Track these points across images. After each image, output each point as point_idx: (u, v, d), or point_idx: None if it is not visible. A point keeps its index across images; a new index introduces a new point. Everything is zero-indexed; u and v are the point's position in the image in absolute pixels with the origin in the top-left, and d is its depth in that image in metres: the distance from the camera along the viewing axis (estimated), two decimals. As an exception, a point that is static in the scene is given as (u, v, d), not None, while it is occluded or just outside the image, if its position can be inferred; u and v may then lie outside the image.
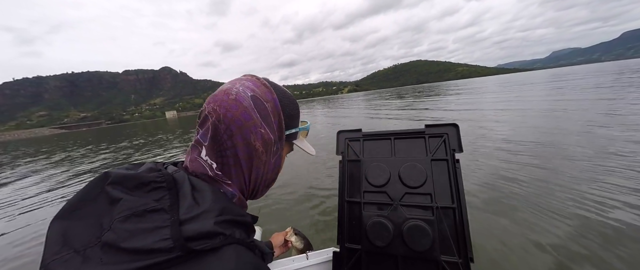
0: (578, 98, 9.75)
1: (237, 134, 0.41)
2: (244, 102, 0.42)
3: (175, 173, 0.38)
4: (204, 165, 0.42)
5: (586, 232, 2.12)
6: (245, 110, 0.41)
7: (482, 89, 25.89)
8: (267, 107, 0.44)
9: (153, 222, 0.31)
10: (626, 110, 6.45)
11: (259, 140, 0.43)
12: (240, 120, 0.41)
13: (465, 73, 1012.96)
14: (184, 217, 0.33)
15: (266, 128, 0.44)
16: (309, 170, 4.80)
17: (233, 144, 0.41)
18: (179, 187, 0.36)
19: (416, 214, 0.81)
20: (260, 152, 0.44)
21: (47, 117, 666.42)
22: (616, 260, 1.78)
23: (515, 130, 5.83)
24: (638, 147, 3.80)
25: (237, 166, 0.43)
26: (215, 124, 0.41)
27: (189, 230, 0.32)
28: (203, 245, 0.31)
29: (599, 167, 3.27)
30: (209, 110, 0.42)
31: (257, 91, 0.44)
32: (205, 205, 0.35)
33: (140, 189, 0.35)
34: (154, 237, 0.30)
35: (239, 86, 0.43)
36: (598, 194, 2.66)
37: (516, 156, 4.08)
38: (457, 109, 11.65)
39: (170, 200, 0.34)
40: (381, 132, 0.97)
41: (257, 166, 0.45)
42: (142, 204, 0.33)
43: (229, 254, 0.33)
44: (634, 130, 4.67)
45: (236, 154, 0.42)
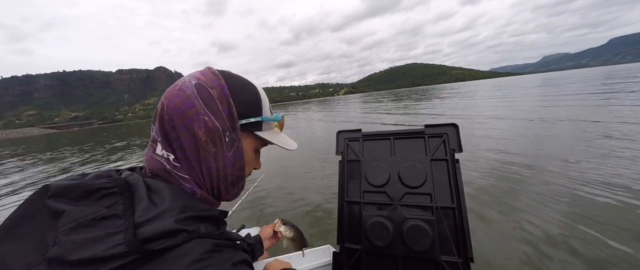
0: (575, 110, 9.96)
1: (179, 124, 0.39)
2: (187, 90, 0.40)
3: (128, 177, 0.36)
4: (160, 160, 0.40)
5: (578, 224, 2.18)
6: (188, 99, 0.39)
7: (476, 92, 26.23)
8: (212, 94, 0.41)
9: (104, 230, 0.29)
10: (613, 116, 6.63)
11: (202, 128, 0.39)
12: (181, 109, 0.39)
13: (459, 76, 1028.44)
14: (140, 219, 0.31)
15: (210, 115, 0.40)
16: (309, 170, 4.77)
17: (177, 135, 0.39)
18: (133, 190, 0.34)
19: (416, 214, 0.81)
20: (203, 142, 0.40)
21: (37, 117, 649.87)
22: (615, 259, 1.78)
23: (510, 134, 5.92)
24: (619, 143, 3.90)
25: (186, 159, 0.40)
26: (161, 116, 0.40)
27: (147, 232, 0.30)
28: (163, 244, 0.29)
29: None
30: (159, 106, 0.41)
31: (202, 79, 0.42)
32: (165, 205, 0.33)
33: (86, 198, 0.32)
34: (105, 245, 0.28)
35: (185, 77, 0.42)
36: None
37: (515, 157, 4.13)
38: (456, 113, 11.77)
39: (123, 205, 0.32)
40: (381, 132, 0.96)
41: (205, 158, 0.41)
42: (89, 213, 0.30)
43: (191, 248, 0.31)
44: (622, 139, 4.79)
45: (182, 146, 0.40)
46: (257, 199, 3.57)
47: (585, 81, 22.99)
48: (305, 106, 50.62)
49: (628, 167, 3.20)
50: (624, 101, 8.44)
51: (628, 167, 3.19)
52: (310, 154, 6.05)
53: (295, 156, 5.90)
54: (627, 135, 4.53)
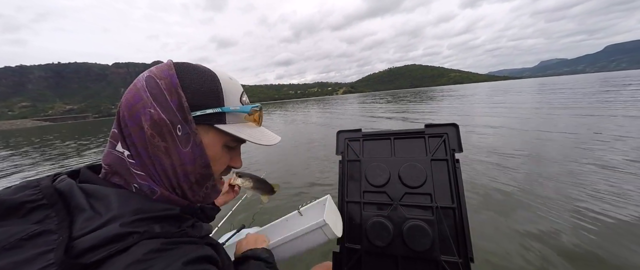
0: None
1: (129, 118, 0.37)
2: (137, 84, 0.38)
3: (58, 184, 0.31)
4: (120, 156, 0.37)
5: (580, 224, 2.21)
6: (137, 92, 0.37)
7: (473, 96, 26.48)
8: (159, 84, 0.37)
9: (35, 249, 0.25)
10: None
11: (148, 121, 0.36)
12: (130, 102, 0.37)
13: (457, 79, 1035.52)
14: (81, 232, 0.27)
15: (156, 108, 0.36)
16: (308, 170, 4.81)
17: (129, 132, 0.37)
18: (68, 199, 0.30)
19: (416, 214, 0.80)
20: (149, 136, 0.36)
21: (31, 108, 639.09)
22: (613, 258, 1.81)
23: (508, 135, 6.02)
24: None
25: (139, 155, 0.37)
26: (119, 110, 0.38)
27: (85, 243, 0.27)
28: (104, 253, 0.26)
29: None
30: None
31: (154, 71, 0.38)
32: (112, 212, 0.30)
33: (9, 217, 0.27)
34: (36, 265, 0.24)
35: (146, 72, 0.39)
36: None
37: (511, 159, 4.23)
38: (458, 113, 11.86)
39: (57, 218, 0.28)
40: (381, 132, 0.96)
41: (154, 154, 0.37)
42: (14, 233, 0.26)
43: (133, 250, 0.28)
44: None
45: (134, 142, 0.37)
46: (257, 199, 3.60)
47: (581, 88, 23.30)
48: (303, 105, 50.54)
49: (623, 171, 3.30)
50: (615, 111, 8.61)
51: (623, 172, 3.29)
52: (309, 154, 6.08)
53: (295, 156, 5.94)
54: (619, 138, 4.66)
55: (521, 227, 2.29)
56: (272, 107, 60.00)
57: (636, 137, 4.87)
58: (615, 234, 2.09)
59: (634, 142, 4.58)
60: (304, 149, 6.73)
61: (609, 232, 2.11)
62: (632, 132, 5.27)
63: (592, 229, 2.17)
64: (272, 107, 60.02)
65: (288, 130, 11.40)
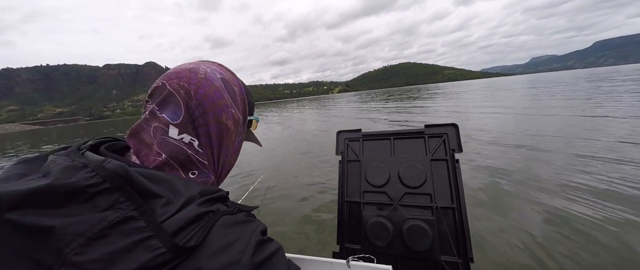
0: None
1: (210, 111, 0.40)
2: (214, 82, 0.42)
3: (107, 164, 0.28)
4: (178, 145, 0.37)
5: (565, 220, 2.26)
6: (217, 90, 0.42)
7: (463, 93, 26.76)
8: (235, 91, 0.45)
9: (126, 238, 0.25)
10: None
11: (231, 119, 0.43)
12: (212, 97, 0.40)
13: (451, 76, 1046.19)
14: (163, 217, 0.27)
15: (236, 109, 0.45)
16: (308, 169, 4.87)
17: (205, 122, 0.40)
18: (130, 182, 0.28)
19: (416, 214, 0.80)
20: (231, 131, 0.44)
21: (19, 112, 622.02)
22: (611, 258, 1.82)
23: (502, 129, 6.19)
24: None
25: (209, 146, 0.41)
26: (185, 100, 0.38)
27: (174, 225, 0.27)
28: (191, 235, 0.27)
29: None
30: (174, 87, 0.39)
31: (225, 75, 0.45)
32: (184, 196, 0.30)
33: (72, 202, 0.25)
34: (146, 254, 0.24)
35: (205, 68, 0.43)
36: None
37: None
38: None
39: (131, 204, 0.26)
40: (381, 132, 0.97)
41: (226, 145, 0.44)
42: (93, 222, 0.24)
43: (220, 229, 0.30)
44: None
45: (208, 132, 0.40)
46: (256, 198, 3.65)
47: (572, 85, 23.82)
48: (297, 108, 50.42)
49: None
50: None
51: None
52: (308, 154, 6.13)
53: (295, 156, 6.00)
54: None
55: (521, 227, 2.29)
56: (266, 107, 59.72)
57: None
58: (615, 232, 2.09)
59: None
60: (305, 148, 6.78)
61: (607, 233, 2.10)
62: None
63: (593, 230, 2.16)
64: (268, 107, 59.53)
65: (286, 137, 11.42)
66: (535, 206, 2.64)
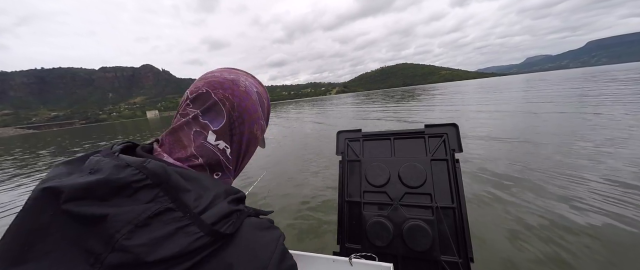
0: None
1: (247, 123, 0.45)
2: (252, 96, 0.46)
3: (147, 164, 0.32)
4: (213, 150, 0.41)
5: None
6: (254, 104, 0.46)
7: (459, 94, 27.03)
8: (265, 104, 0.51)
9: (168, 225, 0.28)
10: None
11: (260, 130, 0.49)
12: (251, 111, 0.45)
13: (448, 76, 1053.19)
14: (198, 209, 0.30)
15: (264, 121, 0.51)
16: (306, 170, 4.99)
17: (240, 132, 0.44)
18: (167, 180, 0.31)
19: (416, 214, 0.81)
20: (258, 140, 0.50)
21: (13, 116, 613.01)
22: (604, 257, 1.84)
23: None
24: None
25: (237, 152, 0.45)
26: (229, 111, 0.43)
27: (211, 218, 0.30)
28: (227, 226, 0.31)
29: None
30: (220, 97, 0.42)
31: (259, 89, 0.50)
32: (212, 192, 0.34)
33: (118, 196, 0.28)
34: (186, 239, 0.27)
35: (244, 80, 0.46)
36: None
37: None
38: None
39: (169, 197, 0.30)
40: (381, 132, 0.97)
41: (251, 152, 0.49)
42: (139, 212, 0.28)
43: (250, 228, 0.33)
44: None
45: (241, 141, 0.45)
46: (256, 198, 3.76)
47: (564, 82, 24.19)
48: (296, 107, 50.43)
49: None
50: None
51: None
52: (308, 154, 6.25)
53: (295, 157, 6.11)
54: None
55: (522, 227, 2.29)
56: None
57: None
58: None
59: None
60: (303, 149, 6.89)
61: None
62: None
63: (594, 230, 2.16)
64: (266, 108, 58.83)
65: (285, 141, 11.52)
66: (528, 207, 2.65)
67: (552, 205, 2.60)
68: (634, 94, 10.72)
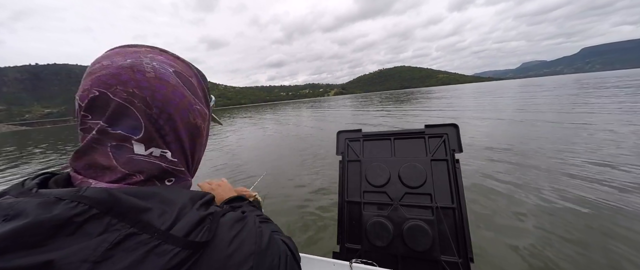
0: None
1: (176, 116, 0.35)
2: (169, 78, 0.35)
3: (84, 192, 0.26)
4: (150, 160, 0.33)
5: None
6: (176, 88, 0.35)
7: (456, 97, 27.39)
8: (193, 83, 0.39)
9: (137, 251, 0.24)
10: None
11: (199, 117, 0.39)
12: (174, 99, 0.35)
13: (445, 80, 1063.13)
14: (165, 226, 0.26)
15: (200, 104, 0.40)
16: (306, 170, 5.11)
17: (173, 128, 0.35)
18: (118, 203, 0.26)
19: (416, 214, 0.81)
20: (201, 129, 0.41)
21: (5, 113, 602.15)
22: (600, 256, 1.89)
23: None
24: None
25: (182, 151, 0.38)
26: (143, 110, 0.32)
27: (181, 230, 0.27)
28: (202, 233, 0.28)
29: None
30: (123, 96, 0.31)
31: (177, 66, 0.38)
32: (176, 205, 0.29)
33: (58, 236, 0.23)
34: (160, 259, 0.24)
35: (149, 60, 0.34)
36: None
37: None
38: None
39: (128, 222, 0.25)
40: (381, 132, 0.96)
41: (199, 145, 0.42)
42: (94, 247, 0.23)
43: (226, 228, 0.31)
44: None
45: (179, 138, 0.36)
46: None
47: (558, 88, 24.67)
48: (293, 108, 50.47)
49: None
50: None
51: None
52: (308, 155, 6.38)
53: (294, 157, 6.24)
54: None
55: (521, 228, 2.33)
56: (262, 109, 59.42)
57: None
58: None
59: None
60: (302, 149, 7.03)
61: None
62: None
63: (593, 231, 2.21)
64: (263, 109, 59.32)
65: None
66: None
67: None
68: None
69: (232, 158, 6.91)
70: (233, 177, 5.03)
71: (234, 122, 21.80)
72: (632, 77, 41.41)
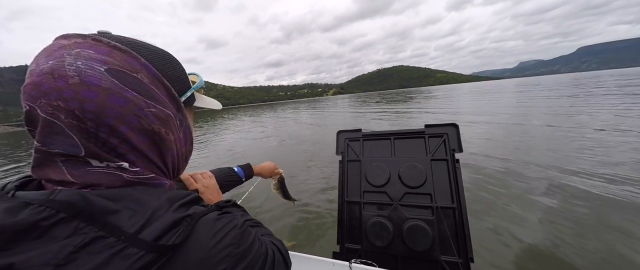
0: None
1: (121, 126, 0.29)
2: (101, 82, 0.27)
3: (56, 196, 0.25)
4: (110, 172, 0.30)
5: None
6: (111, 93, 0.28)
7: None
8: (141, 80, 0.31)
9: (101, 254, 0.23)
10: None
11: (155, 122, 0.32)
12: (112, 108, 0.28)
13: (443, 79, 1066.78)
14: (133, 229, 0.25)
15: (156, 106, 0.32)
16: (305, 170, 5.12)
17: (122, 139, 0.30)
18: (89, 206, 0.25)
19: (416, 214, 0.81)
20: (163, 134, 0.33)
21: (1, 113, 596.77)
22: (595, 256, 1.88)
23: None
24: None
25: (144, 158, 0.33)
26: (74, 125, 0.27)
27: (152, 234, 0.25)
28: (175, 237, 0.26)
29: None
30: (47, 111, 0.26)
31: (111, 61, 0.29)
32: (150, 207, 0.27)
33: (23, 241, 0.23)
34: (124, 262, 0.23)
35: (72, 60, 0.27)
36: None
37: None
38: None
39: (96, 226, 0.24)
40: (381, 132, 0.96)
41: (168, 148, 0.35)
42: (56, 251, 0.23)
43: (204, 228, 0.29)
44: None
45: (134, 148, 0.31)
46: (255, 198, 3.89)
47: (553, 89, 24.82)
48: (292, 109, 50.43)
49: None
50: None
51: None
52: (308, 155, 6.37)
53: (294, 157, 6.24)
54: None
55: (521, 227, 2.30)
56: (261, 109, 59.29)
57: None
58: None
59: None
60: (302, 149, 7.01)
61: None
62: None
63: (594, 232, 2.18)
64: (262, 110, 59.28)
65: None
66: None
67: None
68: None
69: (232, 157, 6.89)
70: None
71: (233, 121, 21.75)
72: (626, 76, 41.73)
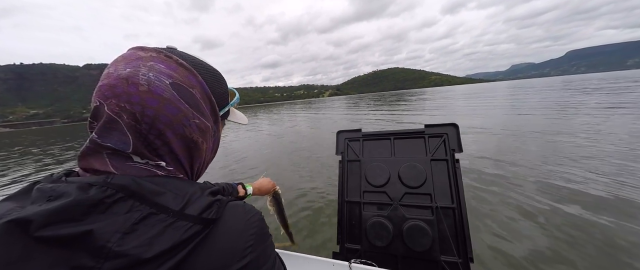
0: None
1: (167, 131, 0.35)
2: (163, 93, 0.33)
3: (111, 179, 0.31)
4: (146, 168, 0.35)
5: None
6: (169, 103, 0.34)
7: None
8: (194, 95, 0.37)
9: (155, 227, 0.29)
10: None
11: (196, 132, 0.38)
12: (166, 116, 0.34)
13: (437, 81, 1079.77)
14: (178, 207, 0.31)
15: (200, 118, 0.38)
16: (305, 170, 5.15)
17: (164, 142, 0.35)
18: (140, 188, 0.31)
19: (416, 214, 0.81)
20: (199, 143, 0.39)
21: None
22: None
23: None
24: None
25: (178, 161, 0.38)
26: (132, 125, 0.33)
27: (194, 210, 0.31)
28: (212, 213, 0.32)
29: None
30: (113, 109, 0.32)
31: (176, 76, 0.35)
32: (188, 191, 0.33)
33: (93, 214, 0.28)
34: (177, 232, 0.29)
35: (146, 71, 0.33)
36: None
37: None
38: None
39: (147, 205, 0.30)
40: (381, 132, 0.97)
41: (198, 156, 0.41)
42: (123, 221, 0.28)
43: (235, 210, 0.35)
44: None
45: (172, 151, 0.37)
46: (255, 199, 3.94)
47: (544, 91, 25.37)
48: (289, 111, 50.27)
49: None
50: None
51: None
52: (307, 155, 6.40)
53: (294, 157, 6.27)
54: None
55: (521, 227, 2.31)
56: (257, 109, 58.77)
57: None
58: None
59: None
60: (302, 149, 7.06)
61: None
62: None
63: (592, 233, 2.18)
64: (258, 109, 58.86)
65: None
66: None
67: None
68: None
69: (232, 158, 6.90)
70: (231, 177, 5.04)
71: (230, 124, 21.51)
72: (609, 79, 43.03)
